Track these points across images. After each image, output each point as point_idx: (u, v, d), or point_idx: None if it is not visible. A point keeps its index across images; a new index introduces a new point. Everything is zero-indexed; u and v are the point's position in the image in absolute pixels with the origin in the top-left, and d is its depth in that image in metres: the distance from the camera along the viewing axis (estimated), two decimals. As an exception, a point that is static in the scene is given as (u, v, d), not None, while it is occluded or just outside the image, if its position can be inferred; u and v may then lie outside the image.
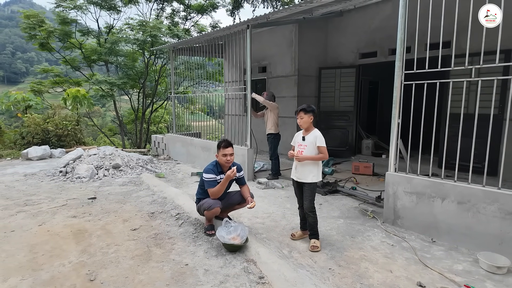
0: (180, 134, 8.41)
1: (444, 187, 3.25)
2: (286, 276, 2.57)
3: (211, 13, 15.64)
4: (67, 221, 3.86)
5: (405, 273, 2.70)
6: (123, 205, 4.47)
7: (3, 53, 70.44)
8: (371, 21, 7.13)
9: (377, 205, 4.33)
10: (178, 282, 2.56)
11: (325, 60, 8.19)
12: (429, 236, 3.35)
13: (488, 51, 3.11)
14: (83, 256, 2.98)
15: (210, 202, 3.38)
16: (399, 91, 3.59)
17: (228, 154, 3.44)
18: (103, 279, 2.59)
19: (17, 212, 4.16)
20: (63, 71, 14.95)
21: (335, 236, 3.43)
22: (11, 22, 79.18)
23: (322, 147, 3.07)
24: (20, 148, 9.52)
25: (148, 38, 12.11)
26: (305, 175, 3.13)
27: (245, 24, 5.64)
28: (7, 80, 65.00)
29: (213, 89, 10.35)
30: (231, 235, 3.06)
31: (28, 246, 3.18)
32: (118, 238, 3.38)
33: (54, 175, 6.19)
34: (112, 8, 13.04)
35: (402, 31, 3.51)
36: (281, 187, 5.37)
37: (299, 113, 3.14)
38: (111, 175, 6.20)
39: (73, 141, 10.42)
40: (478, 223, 3.03)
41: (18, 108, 11.51)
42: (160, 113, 16.90)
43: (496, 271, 2.66)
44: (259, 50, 8.32)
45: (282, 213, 4.14)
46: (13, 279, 2.60)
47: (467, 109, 5.17)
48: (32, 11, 12.40)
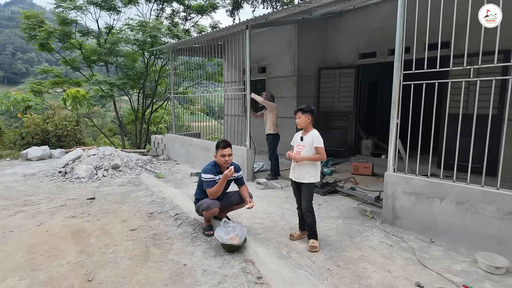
0: (179, 135, 8.41)
1: (443, 187, 3.25)
2: (284, 276, 2.57)
3: (211, 14, 15.71)
4: (65, 222, 3.86)
5: (403, 273, 2.70)
6: (122, 206, 4.47)
7: (3, 53, 70.50)
8: (371, 21, 7.14)
9: (376, 205, 4.32)
10: (176, 282, 2.56)
11: (324, 60, 8.20)
12: (427, 237, 3.35)
13: (487, 51, 3.11)
14: (82, 256, 2.97)
15: (209, 202, 3.38)
16: (398, 91, 3.59)
17: (226, 155, 3.44)
18: (101, 279, 2.59)
19: (16, 213, 4.16)
20: (63, 72, 14.97)
21: (333, 236, 3.43)
22: (11, 22, 79.23)
23: (320, 148, 3.07)
24: (20, 148, 9.52)
25: (148, 38, 12.13)
26: (303, 175, 3.13)
27: (244, 24, 5.64)
28: (7, 80, 65.02)
29: (212, 89, 10.35)
30: (230, 235, 3.06)
31: (27, 247, 3.18)
32: (116, 238, 3.38)
33: (53, 175, 6.19)
34: (112, 8, 13.06)
35: (400, 31, 3.51)
36: (280, 187, 5.37)
37: (297, 113, 3.16)
38: (110, 175, 6.20)
39: (72, 142, 10.42)
40: (477, 224, 3.03)
41: (18, 108, 11.51)
42: (160, 114, 16.92)
43: (494, 271, 2.66)
44: (259, 50, 8.32)
45: (281, 214, 4.13)
46: (11, 279, 2.60)
47: (466, 109, 5.17)
48: (32, 12, 12.43)
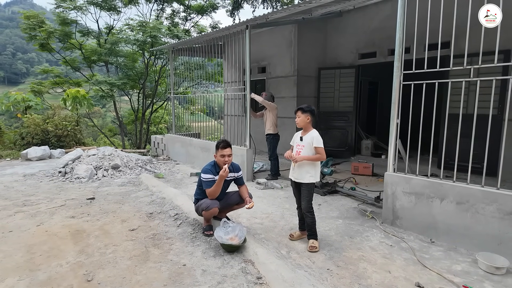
0: (179, 135, 8.40)
1: (443, 187, 3.25)
2: (284, 277, 2.56)
3: (211, 14, 15.71)
4: (65, 222, 3.85)
5: (403, 273, 2.69)
6: (122, 206, 4.47)
7: (3, 53, 70.58)
8: (371, 21, 7.13)
9: (376, 205, 4.32)
10: (175, 282, 2.55)
11: (324, 60, 8.19)
12: (428, 237, 3.34)
13: (487, 51, 3.11)
14: (81, 257, 2.97)
15: (208, 202, 3.37)
16: (398, 91, 3.59)
17: (226, 155, 3.43)
18: (100, 280, 2.59)
19: (15, 213, 4.15)
20: (63, 72, 14.97)
21: (333, 237, 3.42)
22: (12, 22, 79.31)
23: (319, 148, 3.07)
24: (20, 148, 9.52)
25: (148, 38, 12.13)
26: (302, 175, 3.13)
27: (244, 24, 5.64)
28: (7, 80, 65.10)
29: (212, 89, 10.35)
30: (229, 235, 3.06)
31: (26, 247, 3.17)
32: (116, 238, 3.38)
33: (53, 175, 6.18)
34: (112, 8, 13.07)
35: (400, 31, 3.51)
36: (280, 187, 5.36)
37: (297, 112, 3.16)
38: (110, 175, 6.20)
39: (72, 142, 10.42)
40: (477, 224, 3.03)
41: (18, 108, 11.52)
42: (160, 114, 16.93)
43: (494, 271, 2.66)
44: (259, 50, 8.32)
45: (280, 214, 4.13)
46: (10, 279, 2.59)
47: (466, 109, 5.17)
48: (33, 12, 12.44)
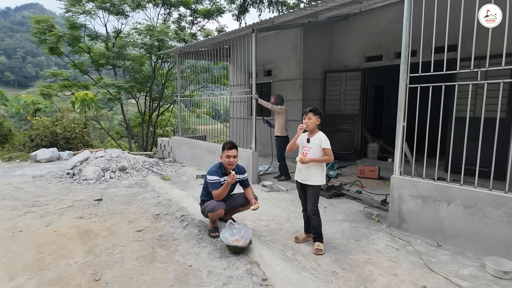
0: (185, 137, 8.46)
1: (450, 190, 3.22)
2: (289, 279, 2.57)
3: (217, 18, 15.84)
4: (73, 222, 3.91)
5: (410, 277, 2.67)
6: (129, 207, 4.51)
7: (14, 57, 71.97)
8: (377, 24, 7.13)
9: (382, 208, 4.29)
10: (181, 283, 2.57)
11: (330, 63, 8.20)
12: (434, 240, 3.32)
13: (495, 54, 3.09)
14: (89, 257, 3.01)
15: (214, 204, 3.39)
16: (404, 94, 3.58)
17: (231, 156, 3.44)
18: (108, 279, 2.62)
19: (25, 213, 4.23)
20: (71, 75, 15.19)
21: (339, 239, 3.42)
22: (22, 27, 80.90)
23: (328, 149, 3.07)
24: (29, 150, 9.66)
25: (155, 42, 12.27)
26: (309, 177, 3.14)
27: (251, 28, 5.68)
28: (17, 83, 66.30)
29: (218, 92, 10.42)
30: (235, 237, 3.07)
31: (35, 246, 3.23)
32: (123, 239, 3.42)
33: (62, 177, 6.27)
34: (120, 13, 13.25)
35: (407, 34, 3.51)
36: (285, 190, 5.36)
37: (308, 114, 3.14)
38: (117, 177, 6.27)
39: (80, 144, 10.55)
40: (485, 228, 3.00)
41: (28, 111, 11.71)
42: (166, 117, 17.07)
43: (503, 276, 2.63)
44: (264, 53, 8.36)
45: (286, 216, 4.13)
46: (20, 278, 2.64)
47: (473, 112, 5.11)
48: (43, 16, 12.67)
